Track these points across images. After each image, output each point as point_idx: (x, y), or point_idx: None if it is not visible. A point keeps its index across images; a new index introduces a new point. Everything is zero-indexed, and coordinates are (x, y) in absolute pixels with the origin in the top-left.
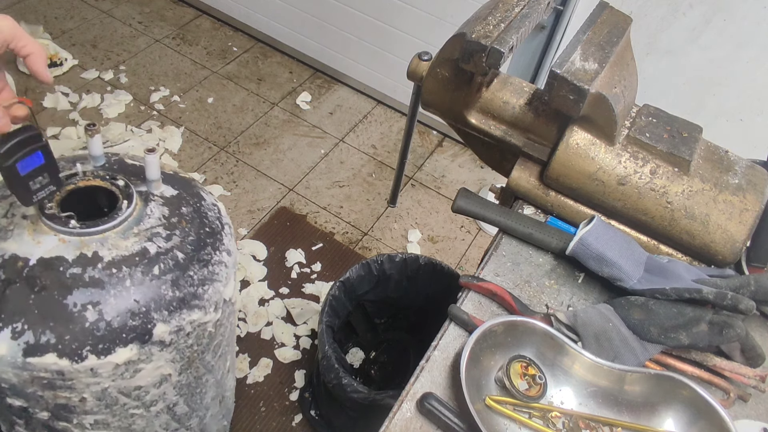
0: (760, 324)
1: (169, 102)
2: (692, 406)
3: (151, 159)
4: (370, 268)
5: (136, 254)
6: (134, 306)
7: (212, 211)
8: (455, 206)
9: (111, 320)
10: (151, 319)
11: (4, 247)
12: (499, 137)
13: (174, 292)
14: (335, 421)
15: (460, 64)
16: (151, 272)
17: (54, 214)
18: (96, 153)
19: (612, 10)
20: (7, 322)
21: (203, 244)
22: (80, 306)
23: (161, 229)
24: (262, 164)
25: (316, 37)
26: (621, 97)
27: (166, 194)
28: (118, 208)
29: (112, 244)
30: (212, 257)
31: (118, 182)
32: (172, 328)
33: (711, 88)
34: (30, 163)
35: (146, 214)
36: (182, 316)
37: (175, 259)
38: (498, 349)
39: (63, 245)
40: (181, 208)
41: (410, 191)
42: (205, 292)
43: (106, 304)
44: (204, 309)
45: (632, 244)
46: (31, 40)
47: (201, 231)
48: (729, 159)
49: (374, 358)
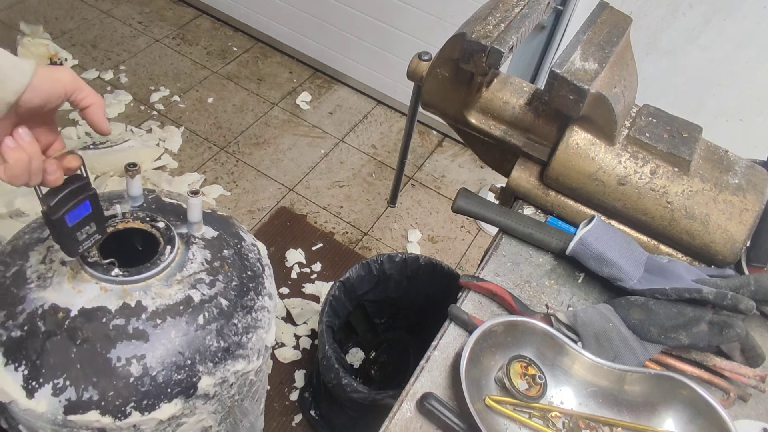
0: (760, 324)
1: (169, 102)
2: (692, 406)
3: (195, 202)
4: (370, 268)
5: (180, 303)
6: (179, 359)
7: (252, 252)
8: (455, 206)
9: (156, 375)
10: (196, 372)
11: (43, 297)
12: (499, 137)
13: (219, 342)
14: (335, 421)
15: (460, 64)
16: (196, 322)
17: (96, 262)
18: (135, 193)
19: (612, 10)
20: (48, 377)
21: (246, 290)
22: (124, 360)
23: (204, 274)
24: (262, 164)
25: (316, 37)
26: (621, 97)
27: (207, 236)
28: (160, 254)
29: (156, 292)
30: (255, 302)
31: (158, 224)
32: (217, 380)
33: (711, 88)
34: (78, 213)
35: (188, 258)
36: (227, 367)
37: (219, 306)
38: (498, 349)
39: (105, 294)
40: (223, 250)
41: (410, 191)
42: (248, 341)
43: (150, 358)
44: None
45: (632, 244)
46: (92, 91)
47: (243, 275)
48: (729, 159)
49: (374, 358)
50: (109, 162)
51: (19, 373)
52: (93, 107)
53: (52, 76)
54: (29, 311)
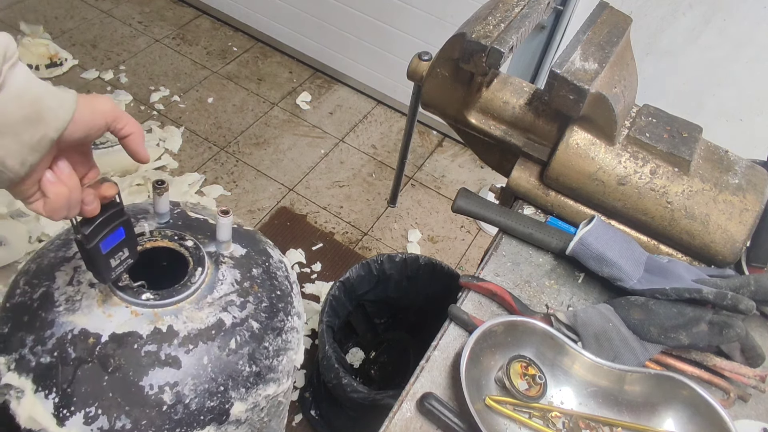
0: (760, 324)
1: (169, 102)
2: (692, 406)
3: (225, 221)
4: (370, 268)
5: (211, 327)
6: (212, 385)
7: (280, 270)
8: (455, 206)
9: (189, 402)
10: (228, 398)
11: (72, 321)
12: (499, 137)
13: (251, 367)
14: (335, 421)
15: (460, 64)
16: (228, 346)
17: (126, 285)
18: (162, 210)
19: (612, 10)
20: (79, 406)
21: (276, 310)
22: (157, 388)
23: (235, 296)
24: (262, 164)
25: (316, 37)
26: (621, 97)
27: (236, 254)
28: (190, 275)
29: (187, 316)
30: (285, 323)
31: (186, 242)
32: (249, 405)
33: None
34: (112, 240)
35: (218, 279)
36: (258, 391)
37: (250, 329)
38: (498, 349)
39: (136, 319)
40: (252, 269)
41: (410, 191)
42: (279, 363)
43: (183, 385)
44: (278, 381)
45: (632, 244)
46: (131, 119)
47: (273, 295)
48: (729, 159)
49: (374, 358)
50: (109, 162)
51: (50, 401)
52: (133, 136)
53: (93, 107)
54: (58, 336)
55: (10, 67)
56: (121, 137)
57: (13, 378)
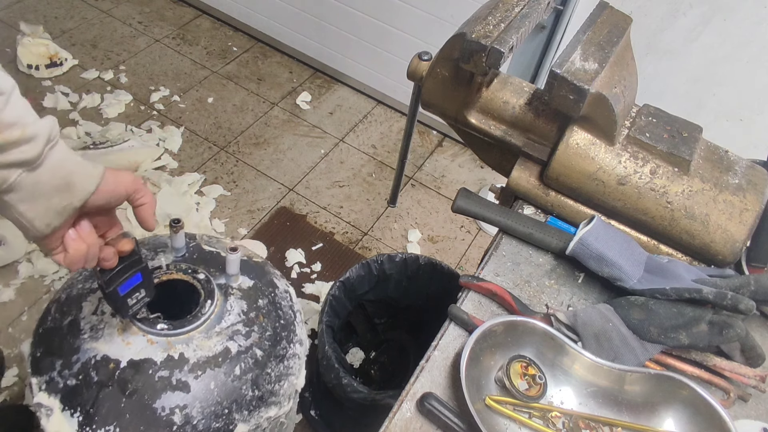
0: (760, 324)
1: (169, 102)
2: (692, 406)
3: (233, 258)
4: (370, 268)
5: (218, 354)
6: (217, 408)
7: (285, 299)
8: (455, 206)
9: (196, 423)
10: (232, 420)
11: (95, 348)
12: (499, 137)
13: (254, 392)
14: (335, 421)
15: (460, 64)
16: (233, 373)
17: (144, 317)
18: (178, 245)
19: (612, 10)
20: (100, 425)
21: (279, 339)
22: (168, 410)
23: (241, 326)
24: (262, 164)
25: (316, 37)
26: (621, 97)
27: (244, 286)
28: (201, 306)
29: (197, 345)
30: (287, 351)
31: (198, 276)
32: (251, 426)
33: (711, 88)
34: (130, 283)
35: (227, 309)
36: (260, 414)
37: (254, 357)
38: (498, 349)
39: (151, 347)
40: (258, 300)
41: (410, 191)
42: (281, 388)
43: (192, 408)
44: (279, 404)
45: (632, 244)
46: (148, 191)
47: (276, 324)
48: (729, 159)
49: (374, 358)
50: (109, 162)
51: (75, 420)
52: (146, 206)
53: (116, 179)
54: (83, 361)
55: (50, 147)
56: (135, 206)
57: (44, 397)
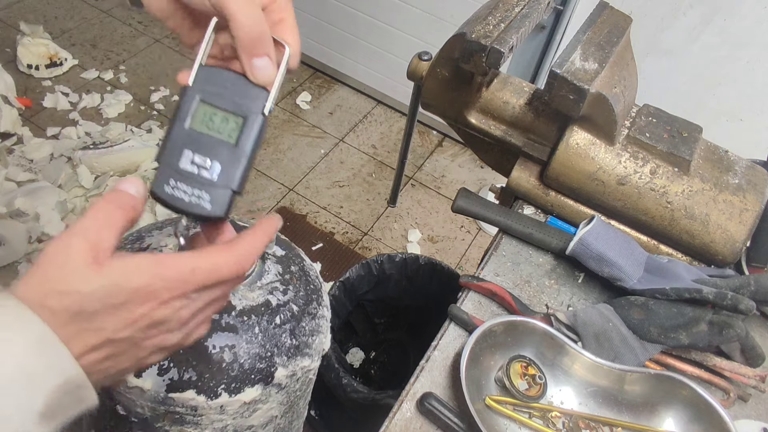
0: (760, 324)
1: (169, 102)
2: (692, 406)
3: None
4: (370, 268)
5: (261, 305)
6: (261, 350)
7: (312, 270)
8: (455, 206)
9: (243, 362)
10: (273, 363)
11: None
12: (499, 137)
13: (292, 341)
14: (335, 421)
15: (460, 64)
16: (274, 321)
17: None
18: None
19: (612, 10)
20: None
21: (310, 300)
22: (218, 348)
23: (278, 284)
24: (262, 164)
25: (316, 37)
26: (621, 97)
27: (278, 254)
28: None
29: (242, 295)
30: (317, 311)
31: None
32: (289, 372)
33: (711, 88)
34: None
35: (265, 270)
36: (296, 362)
37: (291, 311)
38: (498, 349)
39: None
40: (291, 266)
41: (410, 191)
42: (313, 342)
43: (239, 348)
44: (311, 357)
45: (632, 244)
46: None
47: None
48: (729, 159)
49: (374, 358)
50: (109, 162)
51: None
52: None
53: None
54: None
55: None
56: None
57: None
